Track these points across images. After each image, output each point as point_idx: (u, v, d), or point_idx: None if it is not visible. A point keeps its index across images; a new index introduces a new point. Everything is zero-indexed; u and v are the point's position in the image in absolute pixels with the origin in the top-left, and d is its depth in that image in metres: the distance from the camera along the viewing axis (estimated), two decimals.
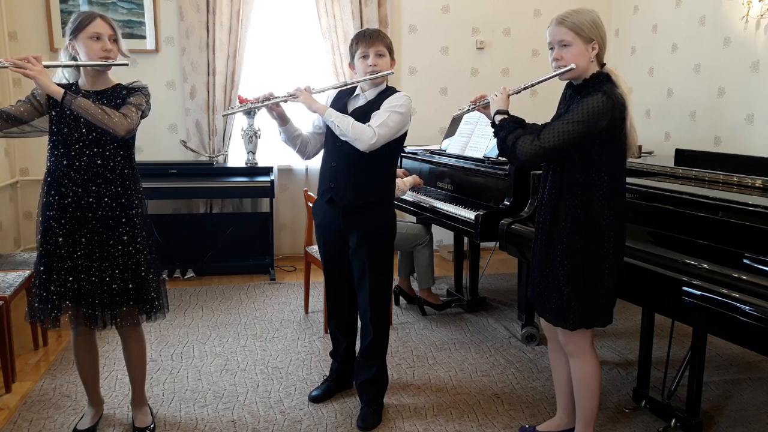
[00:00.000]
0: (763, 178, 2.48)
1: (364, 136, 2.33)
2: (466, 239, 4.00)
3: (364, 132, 2.34)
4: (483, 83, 5.29)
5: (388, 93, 2.49)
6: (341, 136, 2.38)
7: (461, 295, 4.04)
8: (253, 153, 4.72)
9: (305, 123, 2.70)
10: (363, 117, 2.41)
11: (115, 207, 2.25)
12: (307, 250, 3.71)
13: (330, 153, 2.53)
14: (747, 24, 4.01)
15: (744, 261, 2.02)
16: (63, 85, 2.20)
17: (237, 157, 4.92)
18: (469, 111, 2.35)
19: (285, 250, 5.12)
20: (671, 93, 4.75)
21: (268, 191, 4.48)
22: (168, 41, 4.71)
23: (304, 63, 4.92)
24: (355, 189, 2.46)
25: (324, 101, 2.56)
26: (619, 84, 2.03)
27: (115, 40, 2.21)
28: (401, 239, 3.68)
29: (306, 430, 2.53)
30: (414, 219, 4.17)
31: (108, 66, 2.20)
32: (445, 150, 3.95)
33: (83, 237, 2.23)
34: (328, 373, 2.87)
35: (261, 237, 4.72)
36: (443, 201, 3.69)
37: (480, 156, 3.55)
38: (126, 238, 2.27)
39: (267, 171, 4.66)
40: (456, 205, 3.55)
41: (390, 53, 2.48)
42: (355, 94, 2.54)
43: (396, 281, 3.87)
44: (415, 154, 4.16)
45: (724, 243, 2.11)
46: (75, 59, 2.21)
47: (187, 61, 4.64)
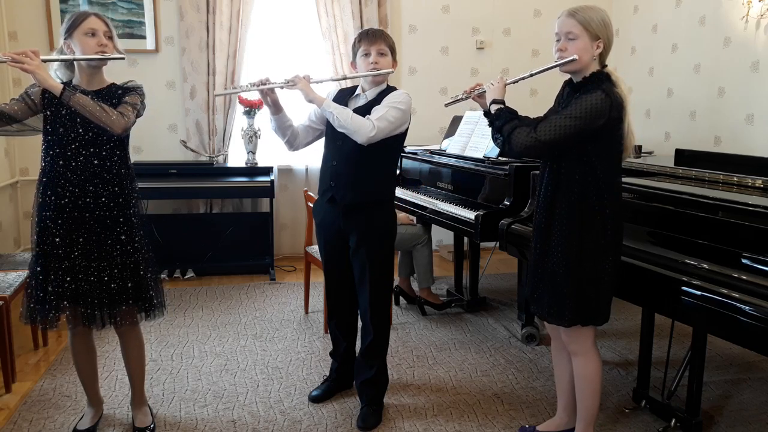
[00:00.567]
0: (763, 178, 2.48)
1: (363, 128, 2.31)
2: (466, 239, 4.00)
3: (363, 125, 2.32)
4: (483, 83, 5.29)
5: (388, 92, 2.49)
6: (339, 128, 2.35)
7: (461, 295, 4.04)
8: (253, 153, 4.73)
9: (302, 115, 2.66)
10: (364, 114, 2.40)
11: (113, 207, 2.25)
12: (307, 250, 3.71)
13: (330, 152, 2.52)
14: (747, 24, 4.01)
15: (744, 261, 2.02)
16: None
17: (237, 157, 4.92)
18: (463, 99, 2.33)
19: (285, 250, 5.12)
20: (671, 93, 4.75)
21: (268, 191, 4.48)
22: (168, 41, 4.71)
23: (304, 63, 4.92)
24: (356, 188, 2.46)
25: (324, 96, 2.55)
26: (619, 84, 2.04)
27: (110, 37, 2.21)
28: (400, 239, 3.67)
29: (306, 430, 2.53)
30: (414, 219, 4.18)
31: (104, 60, 2.19)
32: (445, 150, 3.95)
33: (80, 237, 2.22)
34: (328, 373, 2.87)
35: (261, 237, 4.72)
36: (443, 201, 3.69)
37: (480, 156, 3.55)
38: (124, 237, 2.27)
39: (267, 171, 4.66)
40: (456, 205, 3.55)
41: (392, 53, 2.48)
42: (356, 93, 2.54)
43: (396, 281, 3.87)
44: (415, 154, 4.16)
45: (724, 243, 2.11)
46: None
47: (187, 61, 4.64)
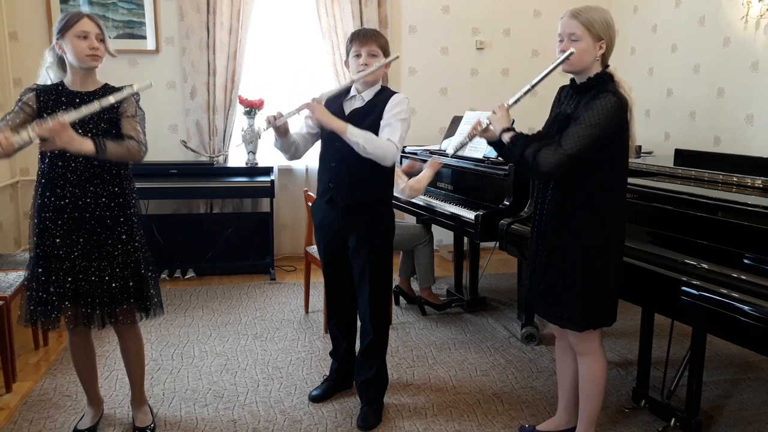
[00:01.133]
0: (763, 178, 2.48)
1: (389, 152, 2.35)
2: (466, 239, 4.00)
3: (388, 148, 2.35)
4: (483, 83, 5.30)
5: (384, 93, 2.49)
6: (363, 153, 2.32)
7: (461, 295, 4.04)
8: (254, 153, 4.73)
9: (297, 120, 2.63)
10: (363, 119, 2.41)
11: (113, 207, 2.26)
12: (308, 250, 3.71)
13: (329, 153, 2.52)
14: (747, 24, 4.01)
15: (744, 261, 2.02)
16: (49, 86, 2.21)
17: (237, 157, 4.92)
18: (469, 142, 2.30)
19: (285, 250, 5.13)
20: (671, 93, 4.75)
21: (268, 191, 4.48)
22: (168, 41, 4.71)
23: (304, 63, 4.93)
24: (355, 188, 2.46)
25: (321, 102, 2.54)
26: (622, 85, 2.04)
27: (102, 39, 2.20)
28: (401, 239, 3.68)
29: (306, 429, 2.53)
30: (414, 219, 4.18)
31: (119, 101, 2.16)
32: (445, 150, 3.95)
33: (81, 237, 2.23)
34: (328, 373, 2.87)
35: (261, 237, 4.73)
36: (443, 201, 3.69)
37: (480, 156, 3.55)
38: (125, 237, 2.28)
39: (267, 171, 4.66)
40: (456, 205, 3.55)
41: (384, 54, 2.46)
42: (352, 95, 2.53)
43: (396, 281, 3.87)
44: (415, 154, 4.16)
45: (723, 243, 2.11)
46: (61, 58, 2.21)
47: (188, 62, 4.65)
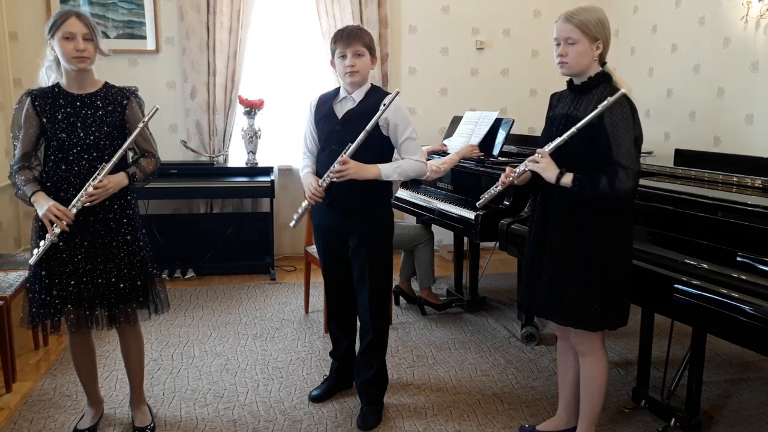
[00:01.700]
0: (763, 178, 2.48)
1: (421, 170, 2.54)
2: (466, 239, 4.00)
3: (420, 168, 2.52)
4: (483, 83, 5.30)
5: (375, 93, 2.47)
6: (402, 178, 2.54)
7: (461, 295, 4.04)
8: (254, 153, 4.73)
9: (297, 126, 2.66)
10: (358, 121, 2.38)
11: (117, 209, 2.27)
12: (308, 250, 3.71)
13: (327, 156, 2.50)
14: (746, 24, 4.01)
15: (743, 261, 2.02)
16: (45, 89, 2.21)
17: (237, 157, 4.91)
18: (501, 191, 2.26)
19: (285, 250, 5.12)
20: (671, 93, 4.75)
21: (268, 191, 4.48)
22: (168, 41, 4.71)
23: (304, 63, 4.93)
24: (355, 190, 2.45)
25: (312, 108, 2.58)
26: (620, 83, 2.04)
27: (90, 39, 2.14)
28: (401, 239, 3.68)
29: (306, 429, 2.53)
30: (414, 219, 4.18)
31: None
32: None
33: (84, 240, 2.23)
34: (328, 373, 2.87)
35: (261, 237, 4.73)
36: (443, 201, 3.69)
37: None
38: (129, 237, 2.29)
39: (267, 171, 4.66)
40: (456, 205, 3.55)
41: (370, 52, 2.44)
42: (342, 96, 2.50)
43: (396, 281, 3.87)
44: None
45: (723, 243, 2.11)
46: (57, 59, 2.20)
47: (188, 62, 4.65)
